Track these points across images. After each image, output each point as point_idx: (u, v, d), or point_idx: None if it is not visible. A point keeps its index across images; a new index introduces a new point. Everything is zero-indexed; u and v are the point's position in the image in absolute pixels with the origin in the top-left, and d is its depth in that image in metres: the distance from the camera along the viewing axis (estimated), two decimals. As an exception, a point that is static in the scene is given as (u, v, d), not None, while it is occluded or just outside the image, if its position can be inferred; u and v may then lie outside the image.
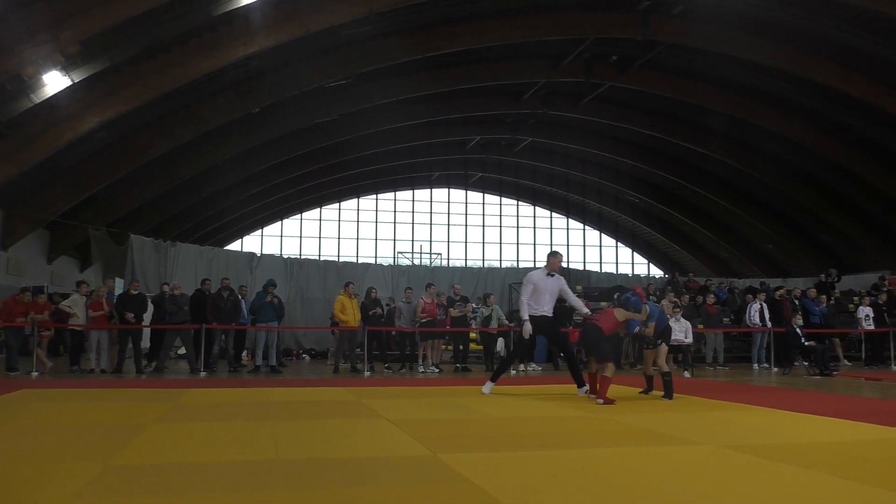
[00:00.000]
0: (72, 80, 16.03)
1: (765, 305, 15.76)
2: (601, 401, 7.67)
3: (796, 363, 14.43)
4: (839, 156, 24.09)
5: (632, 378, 11.23)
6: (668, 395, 8.38)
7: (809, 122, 23.46)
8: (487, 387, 8.96)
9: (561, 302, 9.74)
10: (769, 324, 15.41)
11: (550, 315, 9.07)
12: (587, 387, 8.76)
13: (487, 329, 14.83)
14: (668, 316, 14.67)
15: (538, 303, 8.97)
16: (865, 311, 16.51)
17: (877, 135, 22.67)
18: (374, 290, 15.19)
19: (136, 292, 13.73)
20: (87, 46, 15.26)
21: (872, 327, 16.29)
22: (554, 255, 9.18)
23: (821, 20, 18.27)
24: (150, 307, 14.45)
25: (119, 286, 15.93)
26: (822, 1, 17.40)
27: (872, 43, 18.46)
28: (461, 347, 15.16)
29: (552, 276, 9.02)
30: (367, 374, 13.38)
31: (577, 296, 15.45)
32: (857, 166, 24.14)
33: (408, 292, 15.17)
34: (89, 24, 14.09)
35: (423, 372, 14.02)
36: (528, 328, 8.87)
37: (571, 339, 15.40)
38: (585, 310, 9.25)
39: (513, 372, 13.13)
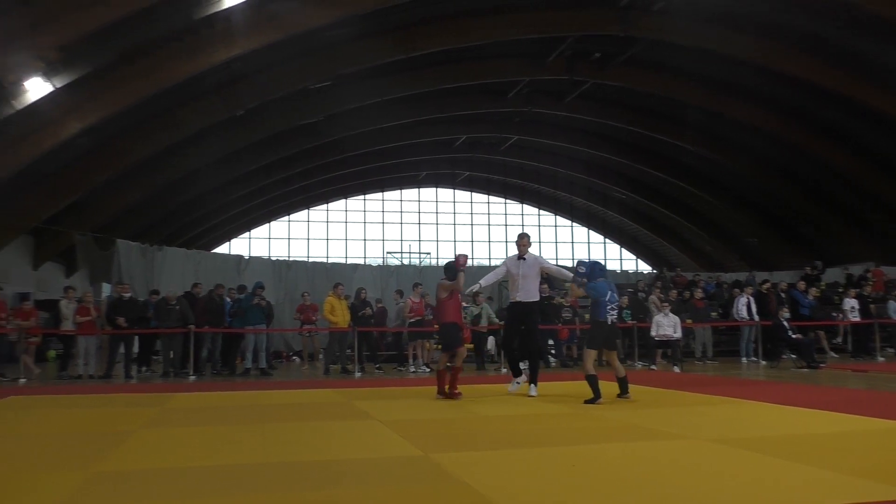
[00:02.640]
0: (53, 86, 15.89)
1: (752, 299, 15.84)
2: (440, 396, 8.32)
3: (784, 356, 14.52)
4: (817, 149, 24.26)
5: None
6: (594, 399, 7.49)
7: (787, 116, 23.60)
8: (533, 389, 8.55)
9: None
10: (756, 317, 15.49)
11: (529, 301, 8.67)
12: (522, 380, 8.79)
13: (477, 328, 14.84)
14: (656, 310, 14.84)
15: (512, 289, 8.83)
16: (851, 303, 16.63)
17: (854, 127, 22.85)
18: (364, 291, 15.16)
19: (128, 296, 13.66)
20: (67, 52, 15.11)
21: (858, 319, 16.40)
22: (520, 238, 8.89)
23: (796, 13, 18.37)
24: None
25: (106, 291, 15.85)
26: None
27: (847, 35, 18.56)
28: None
29: (523, 259, 8.72)
30: (357, 375, 13.36)
31: (565, 293, 15.62)
32: (835, 159, 24.28)
33: (395, 295, 15.21)
34: (68, 29, 13.97)
35: (413, 372, 14.02)
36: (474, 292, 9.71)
37: (561, 336, 15.56)
38: (569, 275, 8.96)
39: (503, 370, 13.13)
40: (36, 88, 15.78)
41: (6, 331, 12.93)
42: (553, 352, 15.73)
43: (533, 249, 8.96)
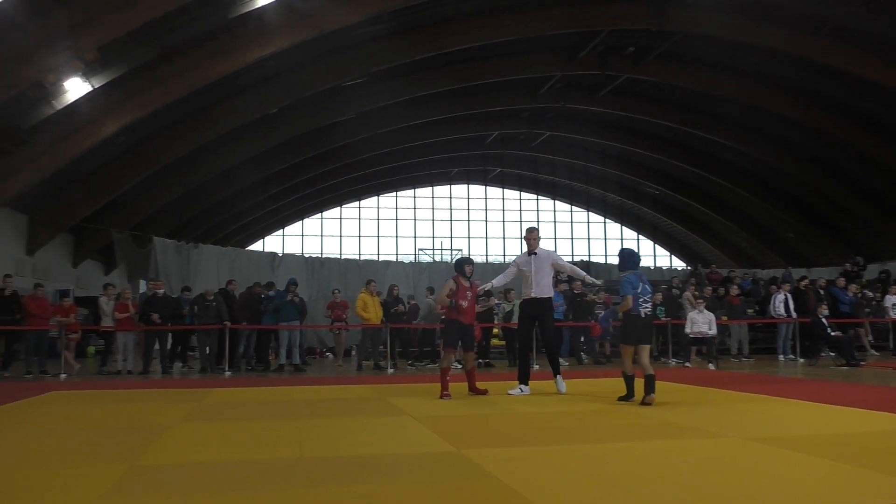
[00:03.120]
0: (91, 86, 16.21)
1: (789, 296, 15.57)
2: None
3: (822, 354, 14.25)
4: (858, 142, 23.76)
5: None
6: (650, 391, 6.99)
7: (827, 109, 23.15)
8: (561, 384, 8.41)
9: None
10: (794, 314, 15.23)
11: (544, 297, 8.45)
12: (527, 390, 8.30)
13: (509, 324, 14.79)
14: (691, 307, 14.65)
15: (525, 285, 8.62)
16: (893, 300, 16.26)
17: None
18: (396, 288, 15.21)
19: (162, 293, 13.85)
20: (104, 52, 15.41)
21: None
22: (529, 233, 8.67)
23: (836, 4, 18.02)
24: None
25: (143, 288, 16.12)
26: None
27: (888, 26, 18.16)
28: (483, 343, 15.14)
29: (535, 254, 8.52)
30: (390, 371, 13.41)
31: (597, 290, 15.47)
32: (876, 152, 23.76)
33: (426, 292, 15.22)
34: (106, 30, 14.22)
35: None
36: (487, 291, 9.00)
37: (594, 333, 15.43)
38: (586, 276, 8.85)
39: (536, 367, 13.08)
40: (75, 88, 16.13)
41: (48, 327, 13.20)
42: (585, 348, 15.65)
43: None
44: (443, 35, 19.31)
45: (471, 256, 8.42)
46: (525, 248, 8.79)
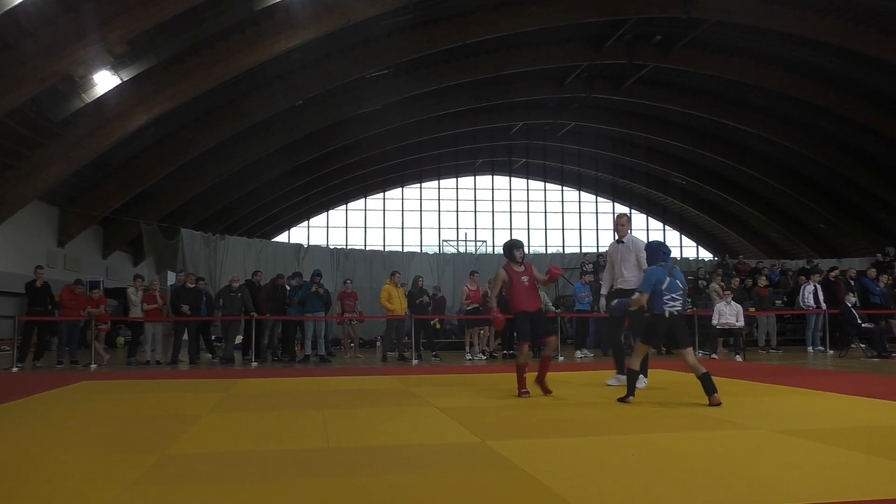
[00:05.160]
0: (120, 79, 16.40)
1: (818, 287, 15.36)
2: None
3: (853, 345, 14.05)
4: (891, 130, 23.31)
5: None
6: (710, 391, 6.33)
7: (859, 97, 22.75)
8: (614, 379, 8.05)
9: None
10: (823, 306, 15.02)
11: (625, 289, 7.90)
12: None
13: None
14: (718, 298, 14.50)
15: (614, 275, 8.20)
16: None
17: (935, 109, 21.91)
18: (420, 279, 15.24)
19: (193, 286, 14.01)
20: (133, 46, 15.60)
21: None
22: (618, 218, 8.30)
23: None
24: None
25: (171, 279, 16.29)
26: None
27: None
28: (509, 334, 15.13)
29: (621, 242, 8.09)
30: (414, 362, 13.46)
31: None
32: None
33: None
34: (135, 23, 14.38)
35: (469, 359, 14.05)
36: (602, 303, 8.30)
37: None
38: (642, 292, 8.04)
39: (561, 358, 13.07)
40: (104, 82, 16.33)
41: (80, 318, 13.42)
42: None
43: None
44: (468, 25, 19.25)
45: (519, 240, 7.65)
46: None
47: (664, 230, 39.36)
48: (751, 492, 3.45)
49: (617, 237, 8.27)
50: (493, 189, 38.36)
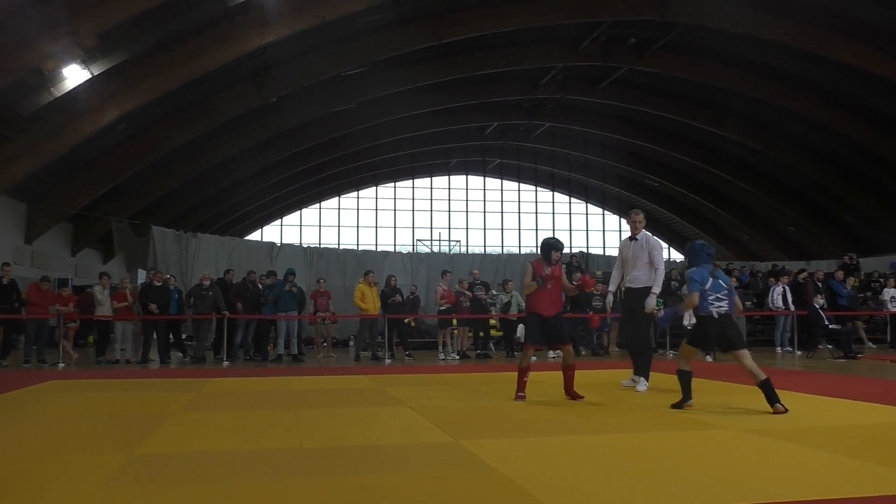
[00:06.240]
0: (91, 74, 16.15)
1: (787, 289, 15.59)
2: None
3: (820, 346, 14.28)
4: (859, 135, 23.73)
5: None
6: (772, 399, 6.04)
7: (829, 102, 23.11)
8: (642, 383, 7.78)
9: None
10: (792, 307, 15.25)
11: (636, 287, 7.69)
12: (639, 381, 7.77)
13: (507, 315, 14.81)
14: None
15: (625, 272, 7.88)
16: (891, 293, 16.30)
17: (897, 112, 22.32)
18: (394, 279, 15.22)
19: (160, 283, 13.84)
20: (104, 39, 15.35)
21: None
22: (633, 214, 7.95)
23: (839, -3, 17.99)
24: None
25: (141, 277, 16.09)
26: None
27: (890, 18, 18.10)
28: (481, 334, 15.18)
29: (634, 239, 7.78)
30: (387, 361, 13.43)
31: (597, 280, 15.45)
32: (878, 145, 23.73)
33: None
34: (106, 16, 14.16)
35: (443, 359, 14.05)
36: (609, 300, 8.09)
37: (592, 325, 15.44)
38: (653, 297, 7.60)
39: (533, 358, 13.09)
40: (74, 76, 16.05)
41: (47, 316, 13.19)
42: (583, 340, 15.68)
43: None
44: (446, 25, 19.22)
45: (561, 242, 7.18)
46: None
47: (637, 231, 39.60)
48: (720, 490, 3.50)
49: (630, 234, 7.92)
50: (467, 189, 38.43)
